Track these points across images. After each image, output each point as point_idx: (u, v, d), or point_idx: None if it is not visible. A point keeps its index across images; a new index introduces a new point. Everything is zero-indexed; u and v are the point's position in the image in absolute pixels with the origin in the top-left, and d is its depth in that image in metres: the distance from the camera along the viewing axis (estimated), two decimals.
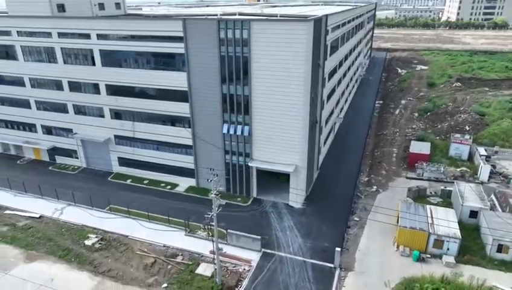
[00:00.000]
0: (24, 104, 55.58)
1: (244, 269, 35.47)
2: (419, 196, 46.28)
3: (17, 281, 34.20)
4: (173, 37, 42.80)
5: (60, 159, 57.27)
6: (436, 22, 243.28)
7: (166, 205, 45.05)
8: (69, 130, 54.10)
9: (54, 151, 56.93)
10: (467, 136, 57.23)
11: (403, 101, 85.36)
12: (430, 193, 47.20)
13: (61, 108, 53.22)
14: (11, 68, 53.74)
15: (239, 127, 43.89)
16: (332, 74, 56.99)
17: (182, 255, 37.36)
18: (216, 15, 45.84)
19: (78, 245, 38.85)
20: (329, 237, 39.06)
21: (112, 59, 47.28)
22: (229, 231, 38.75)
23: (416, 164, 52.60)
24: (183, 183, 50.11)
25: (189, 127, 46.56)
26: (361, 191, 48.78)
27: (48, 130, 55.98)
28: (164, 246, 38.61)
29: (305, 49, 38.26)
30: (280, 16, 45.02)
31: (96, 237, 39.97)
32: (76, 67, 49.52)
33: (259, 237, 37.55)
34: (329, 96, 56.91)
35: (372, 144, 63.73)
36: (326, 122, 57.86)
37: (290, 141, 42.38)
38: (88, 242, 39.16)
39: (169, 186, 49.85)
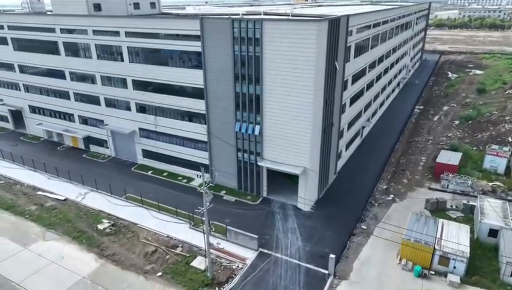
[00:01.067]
0: (65, 95, 60.48)
1: (238, 266, 35.84)
2: (437, 209, 43.48)
3: (33, 256, 37.58)
4: (191, 35, 44.18)
5: (93, 148, 61.55)
6: (506, 23, 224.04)
7: (179, 198, 46.66)
8: (101, 121, 57.97)
9: (88, 140, 61.32)
10: (506, 148, 52.49)
11: (445, 108, 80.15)
12: (451, 206, 44.12)
13: (95, 100, 57.14)
14: (55, 62, 58.69)
15: (250, 126, 44.23)
16: (358, 76, 55.19)
17: (182, 246, 38.62)
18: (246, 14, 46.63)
19: (91, 229, 41.67)
20: (331, 243, 38.10)
21: (138, 56, 49.90)
22: (228, 227, 39.30)
23: (441, 175, 49.33)
24: (199, 178, 51.53)
25: (205, 124, 47.78)
26: (376, 198, 46.86)
27: (84, 120, 60.42)
28: (168, 236, 40.15)
29: (315, 50, 37.55)
30: (295, 16, 44.60)
31: (108, 222, 42.60)
32: (108, 63, 52.90)
33: (256, 236, 37.67)
34: (353, 100, 55.24)
35: (400, 151, 60.75)
36: (350, 126, 56.21)
37: (299, 142, 41.91)
38: (100, 226, 41.86)
39: (185, 180, 51.57)
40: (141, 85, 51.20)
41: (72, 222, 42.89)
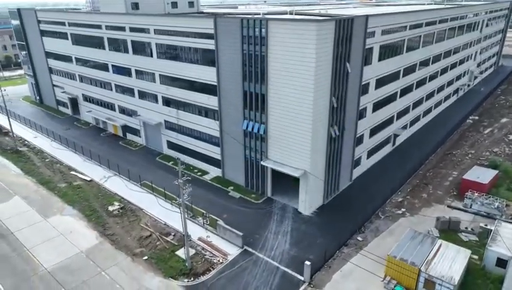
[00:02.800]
0: (108, 86, 66.24)
1: (219, 260, 36.55)
2: (449, 229, 39.65)
3: (48, 227, 42.28)
4: (206, 34, 45.68)
5: (129, 136, 66.56)
6: None
7: (193, 190, 48.51)
8: (135, 112, 62.48)
9: (125, 128, 66.47)
10: None
11: (503, 120, 71.69)
12: (466, 228, 39.86)
13: (130, 92, 61.76)
14: (101, 56, 64.58)
15: (256, 125, 44.46)
16: (386, 80, 52.06)
17: (174, 235, 40.43)
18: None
19: (103, 209, 45.47)
20: (318, 251, 36.91)
21: (163, 52, 52.89)
22: (218, 222, 40.18)
23: (466, 193, 44.68)
24: (212, 172, 53.12)
25: (217, 120, 49.08)
26: (385, 211, 44.10)
27: (122, 110, 65.62)
28: (165, 224, 42.29)
29: (315, 50, 36.48)
30: (307, 15, 43.63)
31: (118, 205, 46.10)
32: (141, 58, 56.81)
33: (241, 233, 37.98)
34: (379, 105, 52.29)
35: (433, 163, 56.03)
36: (374, 133, 53.34)
37: (300, 144, 41.14)
38: (111, 208, 45.48)
39: (199, 173, 53.51)
40: (166, 80, 54.18)
41: (89, 201, 47.18)
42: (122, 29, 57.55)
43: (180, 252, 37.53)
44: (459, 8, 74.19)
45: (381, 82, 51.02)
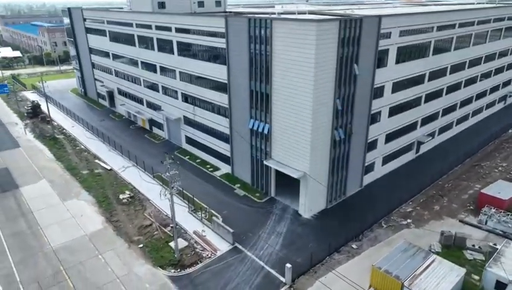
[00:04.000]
0: (138, 81, 69.73)
1: (208, 255, 37.28)
2: (454, 245, 37.03)
3: (63, 209, 45.68)
4: (219, 32, 46.56)
5: (155, 130, 69.58)
6: None
7: (197, 184, 50.09)
8: (159, 107, 65.19)
9: (151, 122, 69.58)
10: None
11: None
12: (473, 245, 36.95)
13: (156, 88, 64.54)
14: (131, 52, 68.14)
15: (261, 124, 44.56)
16: (406, 84, 49.54)
17: (172, 227, 41.82)
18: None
19: (114, 197, 48.15)
20: (308, 255, 36.24)
21: (183, 49, 54.66)
22: (213, 218, 40.92)
23: (482, 209, 41.37)
24: (223, 169, 54.01)
25: (228, 117, 49.81)
26: (390, 220, 42.16)
27: (149, 105, 68.77)
28: (166, 215, 43.85)
29: (315, 50, 35.79)
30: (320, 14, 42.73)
31: (129, 194, 48.55)
32: (164, 55, 59.18)
33: (232, 230, 38.40)
34: (397, 110, 49.90)
35: (456, 174, 52.38)
36: (390, 138, 51.01)
37: (300, 146, 40.63)
38: (121, 196, 48.05)
39: (211, 169, 54.66)
40: (185, 76, 55.96)
41: (104, 189, 50.19)
42: (149, 27, 60.30)
43: (173, 244, 38.76)
44: (504, 8, 68.26)
45: (399, 86, 48.64)
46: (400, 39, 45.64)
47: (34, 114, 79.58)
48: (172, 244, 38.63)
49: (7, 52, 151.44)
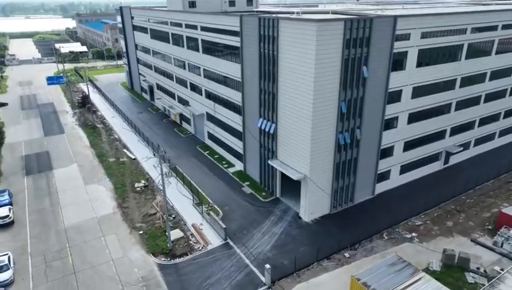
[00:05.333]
0: (171, 77, 72.93)
1: (199, 248, 38.25)
2: (456, 266, 34.15)
3: (83, 192, 49.45)
4: (234, 31, 47.26)
5: (184, 124, 72.28)
6: None
7: (210, 179, 51.47)
8: (187, 102, 67.62)
9: (181, 117, 72.37)
10: None
11: None
12: (477, 268, 33.75)
13: (185, 84, 67.04)
14: (166, 49, 71.35)
15: (269, 124, 44.51)
16: (429, 89, 46.31)
17: (174, 217, 43.47)
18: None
19: (130, 185, 51.06)
20: (296, 258, 35.62)
21: (206, 47, 56.19)
22: (211, 213, 41.77)
23: (501, 229, 37.57)
24: (237, 166, 54.72)
25: (241, 115, 50.38)
26: (393, 232, 39.91)
27: (179, 100, 71.60)
28: (172, 206, 45.63)
29: (316, 52, 34.95)
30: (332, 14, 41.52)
31: (144, 183, 51.20)
32: (192, 52, 61.25)
33: (224, 226, 38.94)
34: (417, 116, 46.86)
35: (484, 189, 47.95)
36: (410, 146, 48.09)
37: (301, 147, 40.02)
38: (136, 185, 50.83)
39: (226, 165, 55.64)
40: (208, 74, 57.50)
41: (124, 177, 53.43)
42: (180, 25, 62.77)
43: (170, 233, 40.29)
44: None
45: (421, 91, 45.59)
46: (422, 41, 42.78)
47: (82, 104, 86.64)
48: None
49: (76, 47, 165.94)
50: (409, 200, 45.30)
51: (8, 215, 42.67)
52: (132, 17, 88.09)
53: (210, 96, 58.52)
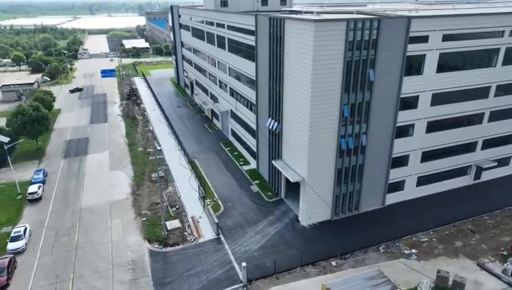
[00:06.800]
0: (205, 74, 75.29)
1: (191, 239, 39.43)
2: (449, 289, 31.28)
3: (105, 178, 53.31)
4: (251, 30, 47.64)
5: (214, 120, 74.28)
6: None
7: (223, 175, 52.61)
8: (216, 99, 69.39)
9: (212, 112, 74.43)
10: None
11: None
12: None
13: (215, 81, 68.83)
14: (203, 47, 73.53)
15: (275, 124, 44.29)
16: (453, 97, 42.63)
17: (177, 208, 45.20)
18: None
19: (148, 174, 53.94)
20: (281, 261, 35.09)
21: (231, 46, 57.22)
22: (208, 206, 42.74)
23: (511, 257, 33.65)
24: (252, 164, 55.11)
25: (255, 113, 50.67)
26: (392, 245, 37.57)
27: (211, 96, 73.66)
28: (179, 198, 47.45)
29: (313, 53, 34.13)
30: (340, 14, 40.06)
31: (160, 173, 53.71)
32: (220, 50, 62.70)
33: (217, 221, 39.64)
34: (439, 125, 43.42)
35: (510, 212, 43.08)
36: (431, 157, 44.74)
37: (301, 150, 39.31)
38: (153, 174, 53.51)
39: (242, 163, 56.29)
40: (232, 72, 58.55)
41: (146, 166, 56.55)
42: (212, 24, 64.58)
43: (168, 223, 42.00)
44: None
45: (444, 98, 42.05)
46: (444, 44, 39.51)
47: (129, 96, 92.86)
48: (167, 223, 41.94)
49: (139, 43, 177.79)
50: (421, 214, 42.25)
51: (36, 192, 47.55)
52: (179, 16, 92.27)
53: (233, 93, 59.54)
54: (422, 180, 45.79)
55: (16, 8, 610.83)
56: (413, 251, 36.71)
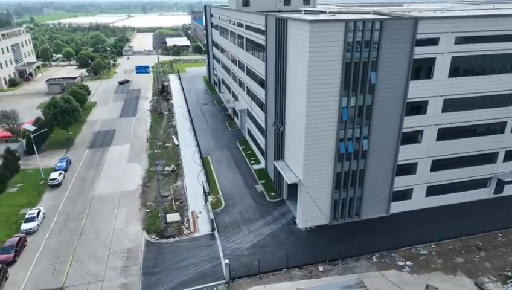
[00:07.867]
0: (229, 72, 76.29)
1: (187, 233, 40.40)
2: None
3: (122, 168, 55.88)
4: (262, 30, 47.76)
5: (235, 119, 75.11)
6: None
7: (232, 172, 53.31)
8: (237, 97, 70.16)
9: (234, 111, 75.32)
10: None
11: None
12: None
13: (236, 80, 69.59)
14: (228, 46, 74.65)
15: (279, 124, 44.11)
16: (468, 103, 40.04)
17: (181, 202, 46.45)
18: None
19: (161, 169, 55.86)
20: (267, 262, 35.03)
21: (247, 45, 57.61)
22: (207, 204, 43.50)
23: None
24: (262, 164, 55.20)
25: (264, 112, 50.73)
26: (386, 256, 36.10)
27: (233, 95, 74.58)
28: (184, 192, 48.72)
29: (309, 54, 33.59)
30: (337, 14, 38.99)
31: (173, 168, 55.47)
32: (240, 50, 63.34)
33: (212, 217, 40.33)
34: (452, 133, 41.02)
35: None
36: (443, 166, 42.36)
37: (298, 152, 38.90)
38: (166, 168, 55.35)
39: (253, 162, 56.56)
40: (248, 71, 59.00)
41: (161, 159, 58.60)
42: (234, 23, 65.38)
43: (169, 216, 43.31)
44: None
45: (457, 104, 39.59)
46: (457, 47, 37.17)
47: (161, 92, 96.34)
48: (168, 215, 43.29)
49: (180, 41, 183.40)
50: (427, 225, 40.17)
51: (56, 179, 51.01)
52: (211, 15, 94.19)
53: (249, 92, 59.97)
54: (432, 190, 43.44)
55: (78, 7, 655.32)
56: (408, 263, 35.04)
